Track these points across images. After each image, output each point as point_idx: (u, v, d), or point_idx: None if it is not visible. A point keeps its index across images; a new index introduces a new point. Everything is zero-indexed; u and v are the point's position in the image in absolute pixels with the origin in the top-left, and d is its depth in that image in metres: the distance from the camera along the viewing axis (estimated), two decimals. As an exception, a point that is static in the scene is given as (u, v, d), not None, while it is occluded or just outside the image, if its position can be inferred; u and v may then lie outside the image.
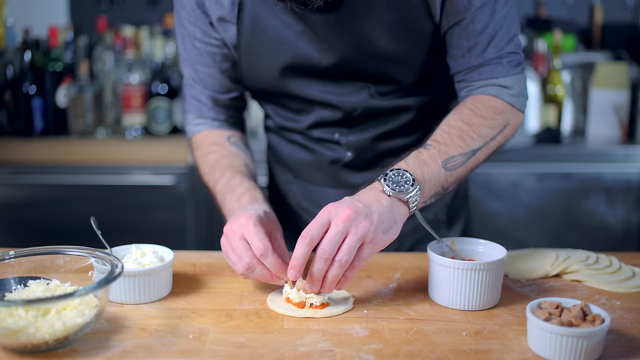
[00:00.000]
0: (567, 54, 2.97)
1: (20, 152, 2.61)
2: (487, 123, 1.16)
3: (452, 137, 1.13)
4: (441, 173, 1.09)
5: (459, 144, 1.12)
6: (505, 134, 1.19)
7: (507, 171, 2.64)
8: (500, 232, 2.66)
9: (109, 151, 2.62)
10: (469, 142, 1.13)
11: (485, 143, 1.15)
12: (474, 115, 1.16)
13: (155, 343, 0.93)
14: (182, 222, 2.61)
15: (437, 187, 1.09)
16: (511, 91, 1.20)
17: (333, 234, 0.98)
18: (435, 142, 1.12)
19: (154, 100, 2.68)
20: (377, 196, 1.03)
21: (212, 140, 1.34)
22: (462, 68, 1.22)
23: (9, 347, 0.90)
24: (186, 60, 1.33)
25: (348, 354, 0.90)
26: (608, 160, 2.64)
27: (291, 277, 1.01)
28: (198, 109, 1.36)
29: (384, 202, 1.02)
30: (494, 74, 1.20)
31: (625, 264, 1.21)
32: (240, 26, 1.23)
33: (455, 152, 1.11)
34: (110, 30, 2.89)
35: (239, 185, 1.20)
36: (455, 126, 1.14)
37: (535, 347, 0.91)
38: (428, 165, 1.08)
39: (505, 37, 1.19)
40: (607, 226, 2.68)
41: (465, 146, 1.13)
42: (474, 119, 1.16)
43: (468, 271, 1.03)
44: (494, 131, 1.16)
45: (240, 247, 1.04)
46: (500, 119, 1.18)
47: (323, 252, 0.98)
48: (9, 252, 1.01)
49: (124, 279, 1.05)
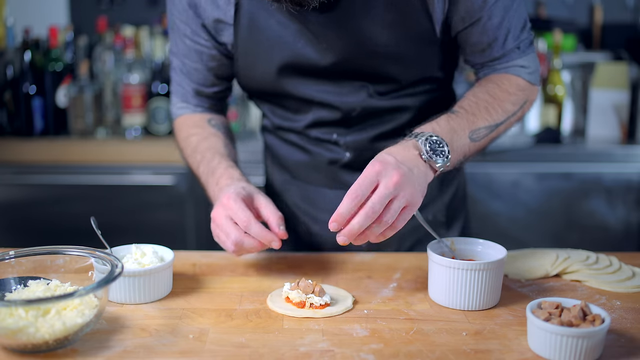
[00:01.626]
0: (567, 54, 2.97)
1: (20, 152, 2.61)
2: (510, 99, 1.21)
3: (479, 108, 1.17)
4: (466, 143, 1.13)
5: (484, 116, 1.16)
6: (524, 109, 1.24)
7: (507, 171, 2.64)
8: (500, 232, 2.66)
9: (109, 151, 2.62)
10: (494, 115, 1.18)
11: (507, 118, 1.20)
12: (499, 90, 1.21)
13: (155, 343, 0.93)
14: (182, 222, 2.61)
15: (460, 157, 1.13)
16: (528, 69, 1.25)
17: (384, 194, 0.99)
18: (463, 110, 1.16)
19: (154, 100, 2.68)
20: (416, 160, 1.05)
21: (193, 122, 1.37)
22: (484, 60, 1.26)
23: (9, 347, 0.90)
24: (175, 53, 1.35)
25: (348, 354, 0.90)
26: (608, 160, 2.64)
27: (332, 228, 1.01)
28: (182, 94, 1.38)
29: (421, 166, 1.05)
30: (513, 58, 1.25)
31: (625, 264, 1.21)
32: (238, 27, 1.23)
33: (481, 124, 1.16)
34: (110, 30, 2.89)
35: (217, 166, 1.24)
36: (483, 98, 1.19)
37: (535, 347, 0.91)
38: (457, 134, 1.12)
39: (519, 25, 1.23)
40: (607, 226, 2.68)
41: (490, 119, 1.17)
42: (500, 93, 1.20)
43: (468, 271, 1.03)
44: (515, 107, 1.22)
45: (226, 224, 1.09)
46: (522, 95, 1.23)
47: (372, 210, 0.99)
48: (9, 252, 1.01)
49: (124, 279, 1.05)
